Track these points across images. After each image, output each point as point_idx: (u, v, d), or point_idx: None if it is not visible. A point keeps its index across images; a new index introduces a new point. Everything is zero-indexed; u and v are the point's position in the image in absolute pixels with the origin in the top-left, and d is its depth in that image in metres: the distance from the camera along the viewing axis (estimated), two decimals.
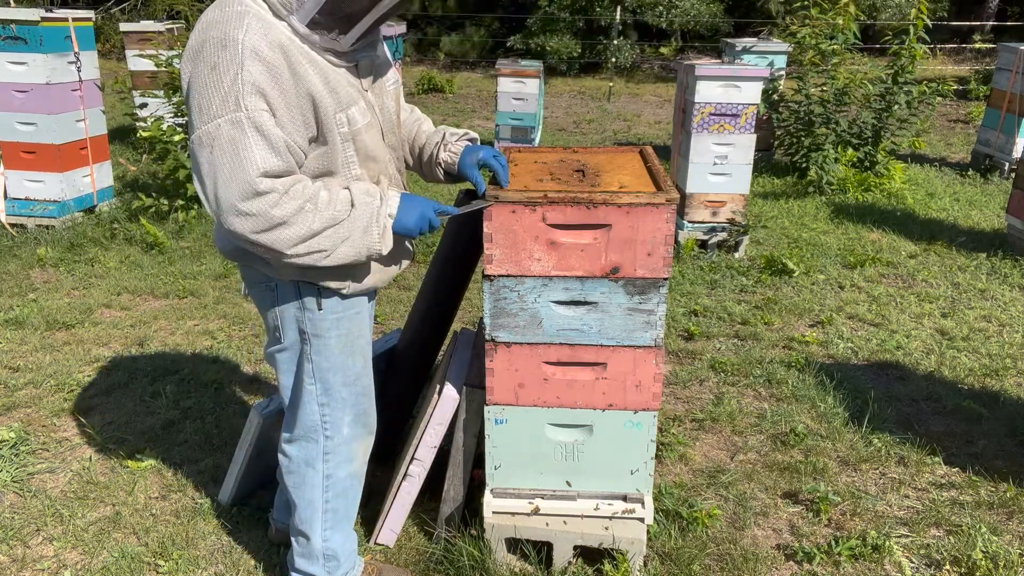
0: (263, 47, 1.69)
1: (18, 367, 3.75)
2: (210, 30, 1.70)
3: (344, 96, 1.83)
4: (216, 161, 1.69)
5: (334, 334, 2.01)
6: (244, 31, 1.68)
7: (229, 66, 1.67)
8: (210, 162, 1.70)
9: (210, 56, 1.68)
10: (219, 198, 1.70)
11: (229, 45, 1.67)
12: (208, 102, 1.68)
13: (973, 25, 15.43)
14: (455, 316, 2.72)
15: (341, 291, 1.98)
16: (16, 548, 2.57)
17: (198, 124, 1.70)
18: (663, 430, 3.23)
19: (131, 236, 5.49)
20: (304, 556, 2.20)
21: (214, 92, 1.68)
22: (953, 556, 2.54)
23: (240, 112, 1.67)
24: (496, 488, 2.37)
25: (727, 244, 5.39)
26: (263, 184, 1.70)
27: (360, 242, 1.83)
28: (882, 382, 3.70)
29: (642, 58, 16.04)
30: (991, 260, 5.23)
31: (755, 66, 5.42)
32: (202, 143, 1.70)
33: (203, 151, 1.70)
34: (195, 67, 1.71)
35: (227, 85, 1.67)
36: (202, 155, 1.71)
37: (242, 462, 2.66)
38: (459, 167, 2.21)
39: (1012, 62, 7.22)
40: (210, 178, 1.71)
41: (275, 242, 1.75)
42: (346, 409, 2.09)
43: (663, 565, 2.44)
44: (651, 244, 2.08)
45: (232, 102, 1.67)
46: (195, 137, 1.71)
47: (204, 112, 1.69)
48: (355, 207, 1.83)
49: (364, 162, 1.92)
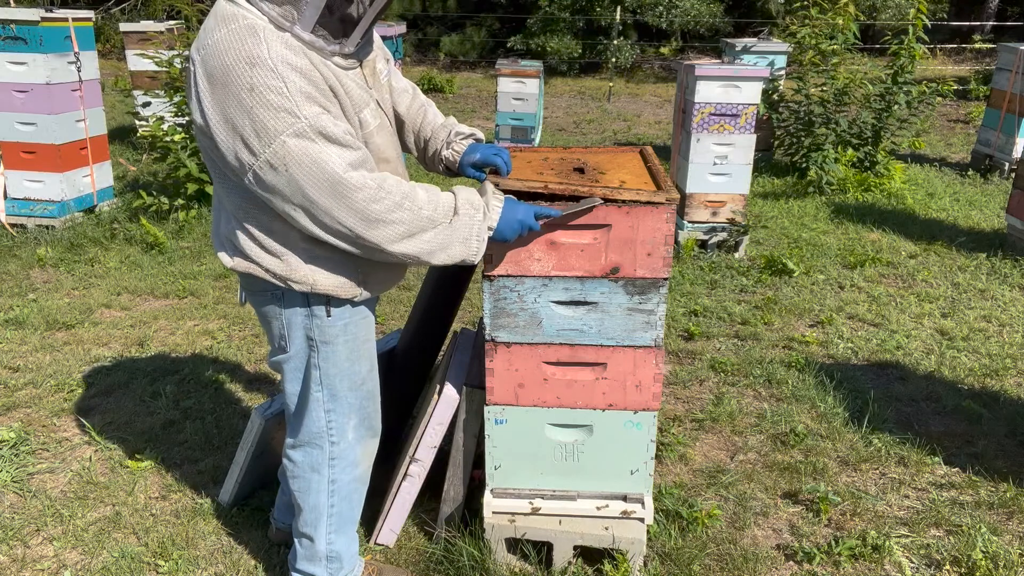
0: (289, 55, 1.67)
1: (18, 367, 3.75)
2: (226, 54, 1.64)
3: (357, 99, 1.84)
4: (297, 178, 1.67)
5: (342, 340, 2.00)
6: (266, 46, 1.64)
7: (269, 82, 1.63)
8: (290, 181, 1.68)
9: (242, 79, 1.63)
10: (318, 211, 1.71)
11: (258, 63, 1.63)
12: (262, 124, 1.64)
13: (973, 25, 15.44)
14: (455, 316, 2.72)
15: (354, 298, 1.97)
16: (16, 548, 2.57)
17: (260, 149, 1.65)
18: (663, 430, 3.23)
19: (131, 236, 5.49)
20: (307, 558, 2.20)
21: (264, 112, 1.63)
22: (953, 556, 2.54)
23: (301, 121, 1.65)
24: (496, 488, 2.37)
25: (727, 244, 5.39)
26: (354, 178, 1.71)
27: (457, 251, 1.88)
28: (882, 382, 3.70)
29: (642, 58, 16.05)
30: (991, 260, 5.23)
31: (755, 66, 5.42)
32: (274, 166, 1.66)
33: (278, 174, 1.67)
34: (226, 94, 1.64)
35: (276, 101, 1.63)
36: (279, 179, 1.67)
37: (243, 463, 2.66)
38: (460, 165, 2.23)
39: (1012, 62, 7.22)
40: (298, 196, 1.70)
41: (380, 239, 1.77)
42: (351, 414, 2.08)
43: (663, 565, 2.44)
44: (651, 244, 2.08)
45: (288, 115, 1.64)
46: (260, 164, 1.66)
47: (262, 135, 1.64)
48: (457, 215, 1.86)
49: (378, 164, 1.92)
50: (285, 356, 2.03)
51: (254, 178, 1.70)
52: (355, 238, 1.77)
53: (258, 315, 2.05)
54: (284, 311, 1.96)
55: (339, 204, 1.72)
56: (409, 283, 4.77)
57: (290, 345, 2.00)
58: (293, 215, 1.74)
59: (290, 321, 1.97)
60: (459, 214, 1.86)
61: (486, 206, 1.91)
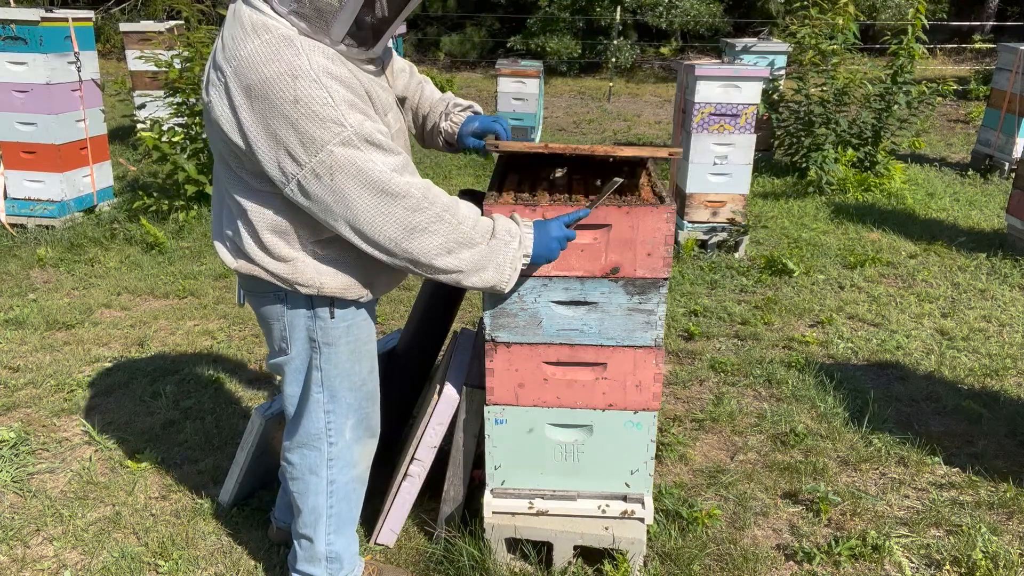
0: (329, 65, 1.67)
1: (18, 367, 3.75)
2: (265, 67, 1.63)
3: (383, 103, 1.86)
4: (342, 186, 1.68)
5: (344, 342, 2.00)
6: (306, 57, 1.65)
7: (314, 93, 1.63)
8: (335, 190, 1.68)
9: (286, 92, 1.63)
10: (361, 220, 1.72)
11: (300, 75, 1.63)
12: (309, 135, 1.64)
13: (973, 25, 15.44)
14: (455, 316, 2.72)
15: (359, 300, 1.97)
16: (16, 548, 2.57)
17: (306, 159, 1.66)
18: (663, 430, 3.23)
19: (131, 236, 5.49)
20: (307, 559, 2.20)
21: (310, 123, 1.63)
22: (953, 556, 2.54)
23: (347, 130, 1.65)
24: (496, 488, 2.37)
25: (727, 244, 5.39)
26: (399, 184, 1.72)
27: (491, 275, 1.89)
28: (882, 382, 3.70)
29: (642, 58, 16.05)
30: (991, 260, 5.23)
31: (755, 66, 5.42)
32: (319, 175, 1.67)
33: (322, 183, 1.67)
34: (268, 107, 1.64)
35: (321, 111, 1.63)
36: (323, 188, 1.68)
37: (243, 464, 2.66)
38: (459, 136, 2.24)
39: (1012, 62, 7.22)
40: (341, 206, 1.70)
41: (418, 251, 1.78)
42: (349, 414, 2.08)
43: (663, 565, 2.44)
44: (651, 244, 2.08)
45: (335, 124, 1.65)
46: (305, 173, 1.67)
47: (308, 145, 1.65)
48: (495, 238, 1.88)
49: None
50: (286, 358, 2.02)
51: (298, 188, 1.70)
52: (393, 249, 1.77)
53: (258, 316, 2.04)
54: (287, 313, 1.96)
55: (382, 212, 1.72)
56: (409, 283, 4.77)
57: (291, 347, 2.00)
58: (334, 225, 1.74)
59: (293, 323, 1.96)
60: (496, 238, 1.87)
61: (521, 234, 1.92)
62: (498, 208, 2.08)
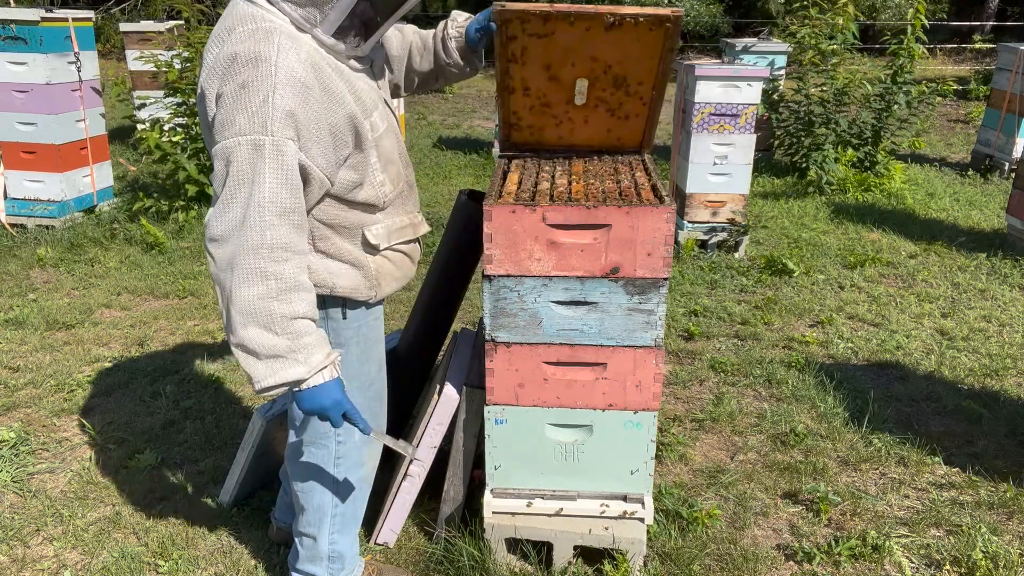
0: (297, 68, 1.65)
1: (18, 367, 3.75)
2: (239, 44, 1.64)
3: (368, 102, 1.84)
4: (229, 177, 1.64)
5: (354, 342, 2.01)
6: (277, 51, 1.63)
7: (260, 86, 1.62)
8: (222, 176, 1.66)
9: (240, 73, 1.63)
10: (219, 209, 1.67)
11: (261, 65, 1.62)
12: (232, 118, 1.63)
13: (973, 25, 15.43)
14: (455, 316, 2.72)
15: (369, 300, 1.97)
16: (16, 548, 2.57)
17: (219, 137, 1.65)
18: (663, 430, 3.23)
19: (131, 236, 5.49)
20: (308, 558, 2.20)
21: (241, 110, 1.62)
22: (953, 556, 2.54)
23: (265, 136, 1.62)
24: (496, 488, 2.37)
25: (727, 244, 5.39)
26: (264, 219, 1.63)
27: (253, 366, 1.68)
28: (882, 382, 3.70)
29: None
30: (991, 260, 5.23)
31: (755, 66, 5.42)
32: (218, 156, 1.66)
33: (219, 162, 1.66)
34: (223, 84, 1.65)
35: (256, 106, 1.62)
36: (218, 165, 1.67)
37: (244, 464, 2.66)
38: (467, 36, 2.18)
39: (1012, 62, 7.22)
40: (218, 188, 1.67)
41: (228, 286, 1.65)
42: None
43: (663, 565, 2.44)
44: (651, 244, 2.08)
45: (259, 124, 1.62)
46: (215, 149, 1.67)
47: (227, 127, 1.63)
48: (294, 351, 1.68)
49: (385, 167, 1.92)
50: None
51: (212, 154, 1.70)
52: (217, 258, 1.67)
53: None
54: None
55: (235, 226, 1.64)
56: (409, 283, 4.77)
57: None
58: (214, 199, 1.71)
59: None
60: (294, 351, 1.69)
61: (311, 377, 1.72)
62: (498, 208, 2.08)
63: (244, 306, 1.65)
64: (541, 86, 2.30)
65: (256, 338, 1.66)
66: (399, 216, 2.01)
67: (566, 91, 2.28)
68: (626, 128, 2.37)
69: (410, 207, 2.07)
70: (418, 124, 10.61)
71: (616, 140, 2.40)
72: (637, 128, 2.39)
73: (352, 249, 1.91)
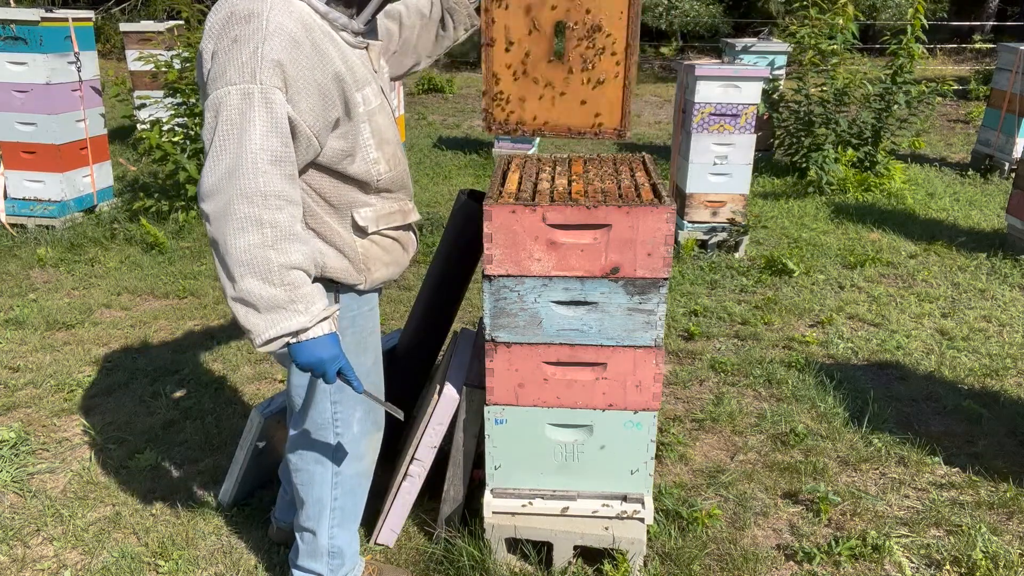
0: (287, 23, 1.68)
1: (18, 367, 3.75)
2: (235, 4, 1.69)
3: (360, 76, 1.85)
4: (218, 127, 1.65)
5: (350, 332, 2.01)
6: (269, 8, 1.68)
7: (250, 39, 1.65)
8: (211, 127, 1.67)
9: (233, 29, 1.66)
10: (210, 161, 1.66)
11: (253, 19, 1.66)
12: (223, 70, 1.65)
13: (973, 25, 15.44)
14: (455, 316, 2.72)
15: (357, 287, 1.97)
16: (16, 548, 2.57)
17: (210, 90, 1.67)
18: (663, 430, 3.23)
19: (131, 236, 5.49)
20: (308, 554, 2.20)
21: (231, 61, 1.65)
22: (953, 556, 2.54)
23: (254, 85, 1.64)
24: (496, 488, 2.37)
25: (727, 244, 5.39)
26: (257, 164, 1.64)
27: (253, 319, 1.67)
28: (882, 382, 3.70)
29: (642, 58, 16.04)
30: (991, 260, 5.23)
31: (755, 66, 5.42)
32: (208, 108, 1.67)
33: (209, 114, 1.68)
34: (217, 41, 1.69)
35: (245, 57, 1.64)
36: (208, 117, 1.68)
37: (242, 463, 2.66)
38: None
39: (1012, 62, 7.22)
40: (208, 141, 1.67)
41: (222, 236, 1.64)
42: (357, 405, 2.09)
43: (663, 565, 2.44)
44: (651, 244, 2.08)
45: (248, 73, 1.64)
46: (207, 103, 1.68)
47: (218, 79, 1.66)
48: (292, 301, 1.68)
49: (380, 145, 1.92)
50: None
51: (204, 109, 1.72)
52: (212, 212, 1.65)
53: None
54: None
55: (226, 175, 1.63)
56: (409, 283, 4.77)
57: None
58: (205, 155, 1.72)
59: None
60: (294, 302, 1.69)
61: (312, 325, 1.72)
62: (498, 208, 2.08)
63: (240, 255, 1.64)
64: (522, 37, 2.34)
65: (255, 289, 1.65)
66: (390, 202, 2.01)
67: (546, 42, 2.32)
68: (603, 101, 2.40)
69: (402, 195, 2.07)
70: (418, 124, 10.61)
71: (595, 118, 2.42)
72: (615, 101, 2.41)
73: (341, 231, 1.90)
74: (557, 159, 2.64)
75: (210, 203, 1.65)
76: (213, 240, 1.67)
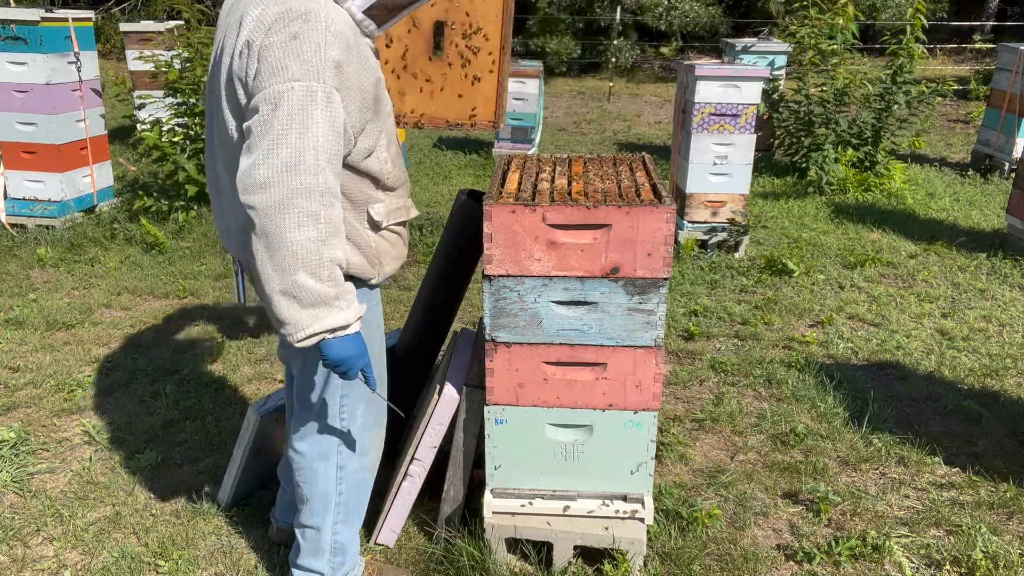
0: (342, 27, 1.74)
1: (18, 367, 3.75)
2: (287, 3, 1.71)
3: (381, 78, 1.92)
4: (277, 120, 1.65)
5: (363, 326, 2.02)
6: (325, 9, 1.72)
7: (312, 37, 1.68)
8: (267, 120, 1.66)
9: (291, 25, 1.68)
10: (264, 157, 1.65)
11: (312, 19, 1.69)
12: (284, 65, 1.66)
13: (973, 25, 15.43)
14: (455, 316, 2.72)
15: (370, 281, 2.00)
16: (16, 548, 2.57)
17: (266, 84, 1.67)
18: (663, 430, 3.23)
19: (131, 236, 5.49)
20: (310, 552, 2.19)
21: (293, 57, 1.66)
22: (953, 556, 2.54)
23: (318, 83, 1.67)
24: (496, 488, 2.37)
25: (727, 244, 5.39)
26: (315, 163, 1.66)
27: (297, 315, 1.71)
28: (882, 382, 3.70)
29: (642, 58, 16.04)
30: (991, 260, 5.23)
31: (755, 66, 5.42)
32: (265, 101, 1.67)
33: (265, 106, 1.67)
34: (269, 37, 1.69)
35: (309, 54, 1.67)
36: (263, 109, 1.67)
37: (240, 461, 2.66)
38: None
39: (1012, 62, 7.22)
40: (262, 135, 1.66)
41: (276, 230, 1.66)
42: (360, 400, 2.10)
43: (663, 565, 2.44)
44: (651, 244, 2.08)
45: (313, 72, 1.67)
46: (262, 94, 1.68)
47: (277, 74, 1.66)
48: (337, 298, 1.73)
49: (388, 145, 1.96)
50: None
51: (250, 105, 1.70)
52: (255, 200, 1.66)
53: None
54: None
55: (282, 168, 1.65)
56: (409, 283, 4.77)
57: None
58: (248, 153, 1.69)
59: None
60: (338, 299, 1.74)
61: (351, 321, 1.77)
62: (498, 208, 2.08)
63: (298, 249, 1.67)
64: (402, 34, 2.40)
65: (305, 284, 1.69)
66: (396, 199, 2.04)
67: (425, 40, 2.37)
68: (479, 95, 2.45)
69: (404, 191, 2.10)
70: None
71: (471, 111, 2.46)
72: (490, 95, 2.45)
73: (358, 227, 1.93)
74: (557, 159, 2.64)
75: (261, 194, 1.66)
76: (263, 231, 1.68)
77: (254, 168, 1.66)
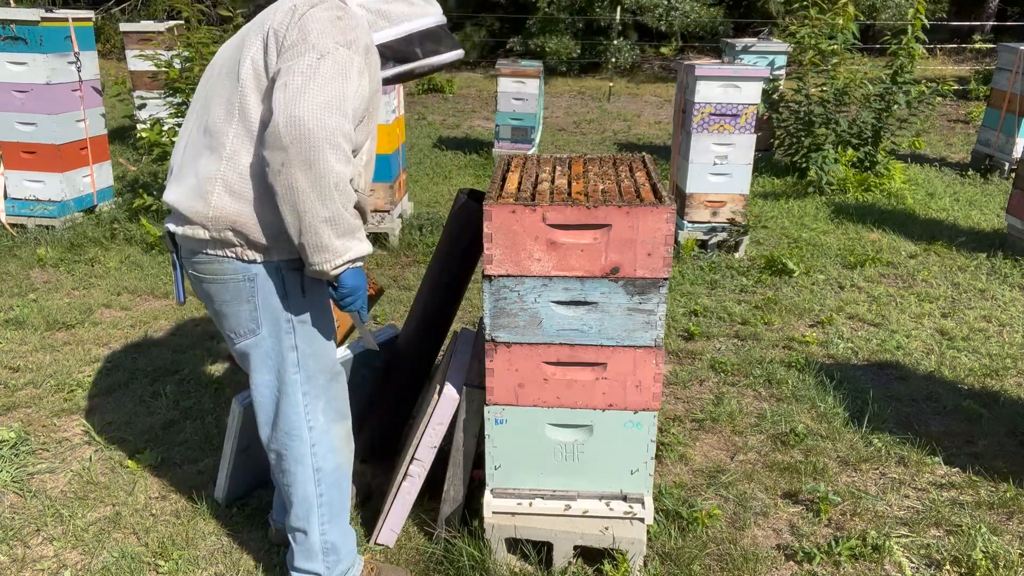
0: (367, 31, 1.96)
1: (18, 367, 3.75)
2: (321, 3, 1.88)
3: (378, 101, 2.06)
4: (324, 66, 1.77)
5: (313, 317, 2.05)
6: (353, 12, 1.94)
7: (351, 23, 1.87)
8: (313, 65, 1.77)
9: (332, 10, 1.86)
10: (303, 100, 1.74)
11: (350, 12, 1.91)
12: (326, 31, 1.82)
13: (973, 25, 15.43)
14: (455, 316, 2.72)
15: None
16: (16, 548, 2.57)
17: (316, 40, 1.80)
18: (663, 430, 3.23)
19: (131, 236, 5.49)
20: (303, 555, 2.20)
21: (337, 31, 1.83)
22: (953, 556, 2.54)
23: (356, 55, 1.84)
24: (496, 488, 2.37)
25: (727, 244, 5.39)
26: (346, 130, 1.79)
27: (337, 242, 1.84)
28: (882, 382, 3.70)
29: (642, 58, 16.04)
30: (991, 260, 5.23)
31: (755, 66, 5.42)
32: (313, 49, 1.79)
33: (311, 54, 1.78)
34: (314, 11, 1.85)
35: (349, 34, 1.84)
36: (309, 56, 1.78)
37: (230, 456, 2.65)
38: None
39: (1012, 62, 7.22)
40: (298, 77, 1.76)
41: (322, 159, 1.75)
42: (320, 396, 2.10)
43: (663, 565, 2.44)
44: (651, 244, 2.08)
45: (352, 46, 1.84)
46: (309, 42, 1.80)
47: (325, 36, 1.81)
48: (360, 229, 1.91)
49: (368, 164, 2.06)
50: (255, 340, 2.03)
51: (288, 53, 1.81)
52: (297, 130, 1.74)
53: (219, 304, 2.03)
54: (257, 293, 1.98)
55: (326, 108, 1.75)
56: (409, 283, 4.77)
57: (261, 328, 2.01)
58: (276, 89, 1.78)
59: (264, 302, 1.98)
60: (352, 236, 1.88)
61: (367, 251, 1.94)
62: (498, 208, 2.08)
63: (338, 180, 1.78)
64: None
65: (341, 214, 1.82)
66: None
67: None
68: None
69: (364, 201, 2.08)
70: (418, 124, 10.61)
71: None
72: None
73: None
74: (557, 159, 2.64)
75: (307, 127, 1.73)
76: (308, 161, 1.75)
77: (300, 97, 1.74)
